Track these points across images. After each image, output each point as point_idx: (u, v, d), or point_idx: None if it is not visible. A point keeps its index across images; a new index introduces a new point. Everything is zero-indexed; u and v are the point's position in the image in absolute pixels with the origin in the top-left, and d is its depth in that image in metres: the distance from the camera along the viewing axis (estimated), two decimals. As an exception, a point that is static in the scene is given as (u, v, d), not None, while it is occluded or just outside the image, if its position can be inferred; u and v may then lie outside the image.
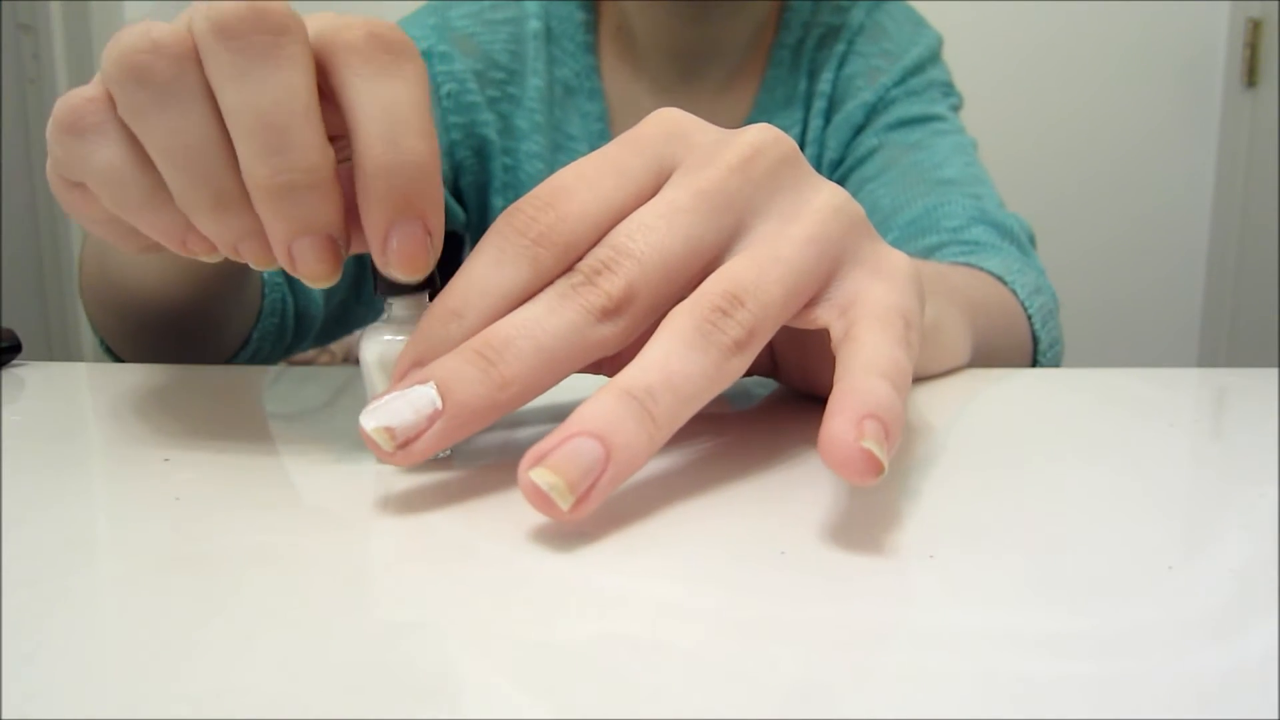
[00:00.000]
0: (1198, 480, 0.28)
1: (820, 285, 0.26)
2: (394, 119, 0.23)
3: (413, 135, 0.23)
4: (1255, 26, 1.87)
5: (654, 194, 0.25)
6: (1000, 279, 0.52)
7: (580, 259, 0.24)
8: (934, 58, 0.68)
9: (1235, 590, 0.19)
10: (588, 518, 0.21)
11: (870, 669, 0.15)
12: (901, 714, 0.14)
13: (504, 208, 0.67)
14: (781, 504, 0.23)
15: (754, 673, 0.15)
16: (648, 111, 0.27)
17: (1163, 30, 1.90)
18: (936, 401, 0.35)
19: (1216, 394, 0.41)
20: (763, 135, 0.26)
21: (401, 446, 0.22)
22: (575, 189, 0.24)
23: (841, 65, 0.66)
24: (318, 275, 0.23)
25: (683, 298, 0.24)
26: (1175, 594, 0.19)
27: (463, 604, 0.18)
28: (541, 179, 0.65)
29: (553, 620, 0.17)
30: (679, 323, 0.23)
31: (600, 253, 0.24)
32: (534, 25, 0.65)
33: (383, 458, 0.22)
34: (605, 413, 0.21)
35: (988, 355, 0.44)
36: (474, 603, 0.18)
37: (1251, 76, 1.88)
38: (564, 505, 0.20)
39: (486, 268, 0.24)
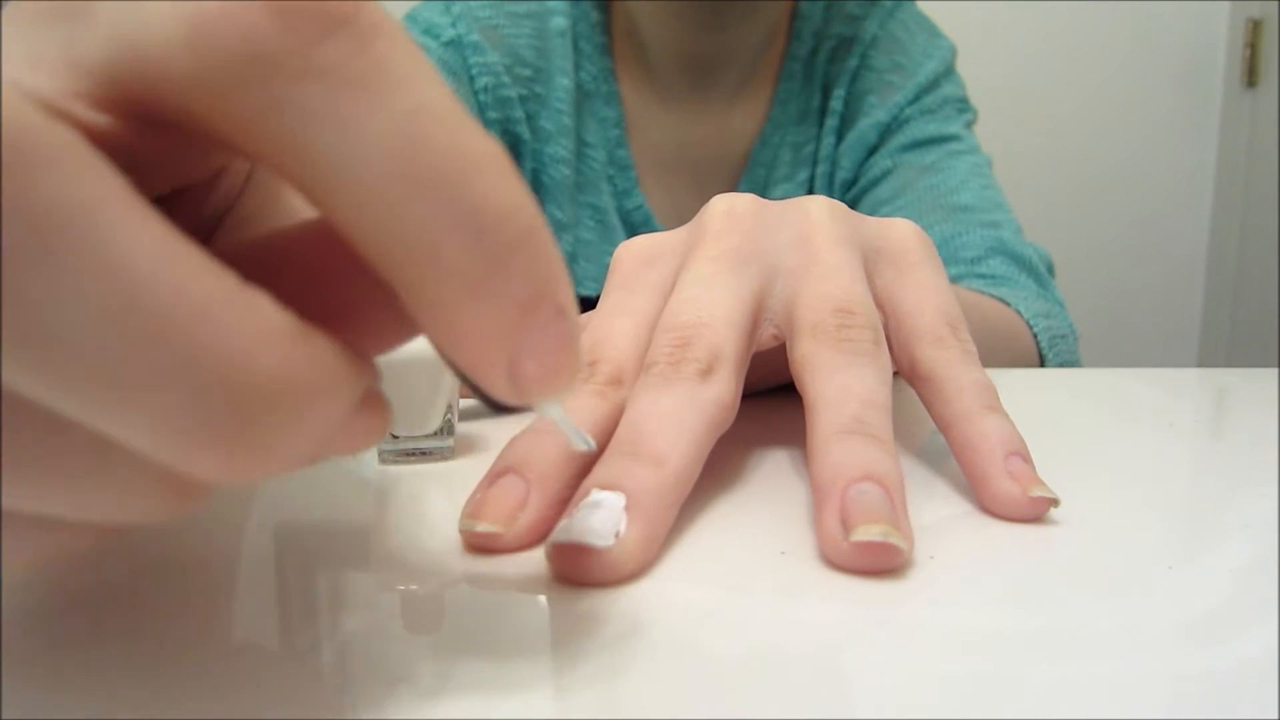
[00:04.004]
0: (1198, 480, 0.28)
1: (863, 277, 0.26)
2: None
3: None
4: (1255, 26, 1.87)
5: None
6: (1005, 302, 0.51)
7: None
8: (948, 72, 0.66)
9: (1235, 590, 0.19)
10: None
11: (870, 668, 0.15)
12: (901, 713, 0.14)
13: None
14: (781, 504, 0.23)
15: (753, 672, 0.15)
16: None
17: (1163, 30, 1.90)
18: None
19: (1216, 394, 0.41)
20: (725, 199, 0.27)
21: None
22: (606, 335, 0.25)
23: (854, 80, 0.65)
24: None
25: (754, 344, 0.25)
26: (1175, 594, 0.19)
27: (462, 602, 0.18)
28: (566, 185, 0.65)
29: (550, 619, 0.17)
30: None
31: (665, 338, 0.24)
32: (559, 23, 0.63)
33: (595, 567, 0.19)
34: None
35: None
36: (472, 601, 0.18)
37: (1251, 76, 1.88)
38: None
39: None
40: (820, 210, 0.27)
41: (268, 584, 0.19)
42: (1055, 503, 0.22)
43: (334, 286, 0.14)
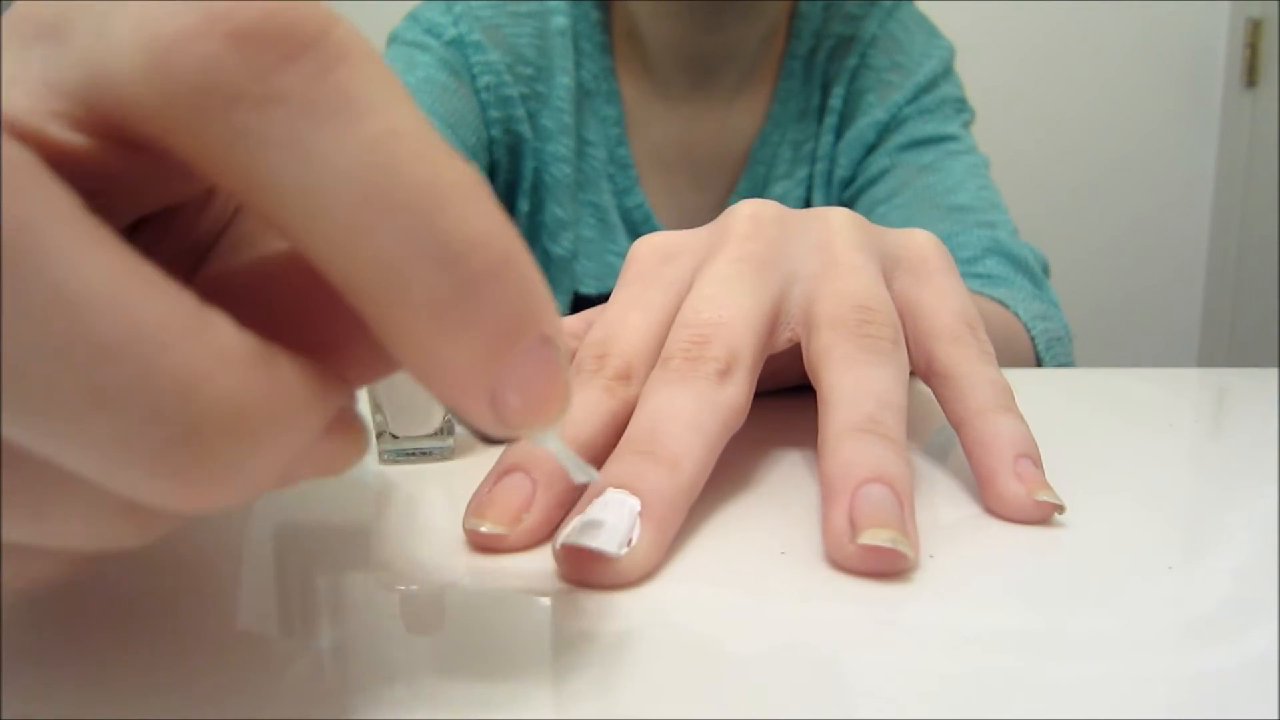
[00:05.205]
0: (1198, 480, 0.28)
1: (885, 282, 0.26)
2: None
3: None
4: (1255, 26, 1.87)
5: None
6: (1003, 304, 0.51)
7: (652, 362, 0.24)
8: (947, 72, 0.66)
9: (1235, 590, 0.19)
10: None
11: (870, 668, 0.15)
12: (901, 714, 0.14)
13: (529, 211, 0.67)
14: (781, 504, 0.23)
15: (753, 672, 0.15)
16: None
17: (1163, 30, 1.90)
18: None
19: (1216, 394, 0.41)
20: (750, 204, 0.27)
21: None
22: (618, 329, 0.25)
23: (853, 79, 0.65)
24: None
25: (768, 349, 0.25)
26: (1175, 594, 0.19)
27: (462, 602, 0.18)
28: (567, 183, 0.65)
29: (551, 619, 0.17)
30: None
31: (683, 334, 0.24)
32: (560, 22, 0.63)
33: (605, 574, 0.19)
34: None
35: None
36: (473, 601, 0.18)
37: (1251, 76, 1.88)
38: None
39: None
40: (841, 219, 0.27)
41: (268, 584, 0.19)
42: (1060, 509, 0.22)
43: (317, 316, 0.14)
